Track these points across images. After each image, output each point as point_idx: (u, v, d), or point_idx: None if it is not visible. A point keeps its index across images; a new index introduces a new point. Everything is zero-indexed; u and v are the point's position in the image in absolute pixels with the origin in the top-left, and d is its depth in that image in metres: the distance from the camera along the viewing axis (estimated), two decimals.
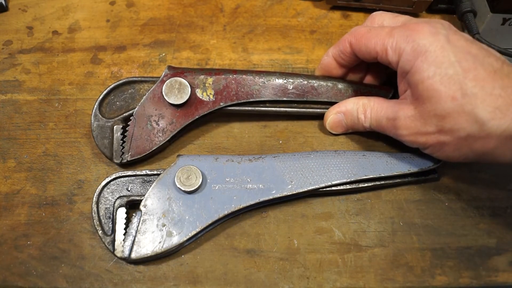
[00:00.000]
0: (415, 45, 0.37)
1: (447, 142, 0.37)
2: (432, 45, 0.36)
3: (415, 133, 0.38)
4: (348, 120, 0.44)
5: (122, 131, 0.44)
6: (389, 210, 0.43)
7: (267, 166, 0.42)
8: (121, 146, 0.43)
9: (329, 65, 0.46)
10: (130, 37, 0.55)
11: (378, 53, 0.40)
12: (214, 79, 0.46)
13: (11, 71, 0.52)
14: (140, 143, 0.43)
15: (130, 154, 0.43)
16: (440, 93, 0.35)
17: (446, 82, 0.35)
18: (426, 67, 0.36)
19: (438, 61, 0.35)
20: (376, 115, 0.42)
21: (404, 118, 0.39)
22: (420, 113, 0.37)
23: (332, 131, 0.47)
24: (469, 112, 0.34)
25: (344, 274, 0.40)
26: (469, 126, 0.34)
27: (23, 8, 0.57)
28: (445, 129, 0.36)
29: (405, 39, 0.37)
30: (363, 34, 0.41)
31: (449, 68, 0.35)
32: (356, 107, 0.43)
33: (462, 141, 0.36)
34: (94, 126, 0.44)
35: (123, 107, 0.45)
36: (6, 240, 0.41)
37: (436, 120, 0.36)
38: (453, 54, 0.35)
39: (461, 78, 0.35)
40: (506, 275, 0.40)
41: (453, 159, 0.38)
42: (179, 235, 0.39)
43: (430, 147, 0.39)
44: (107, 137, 0.44)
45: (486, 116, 0.34)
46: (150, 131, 0.44)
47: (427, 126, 0.37)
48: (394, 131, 0.40)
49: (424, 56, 0.36)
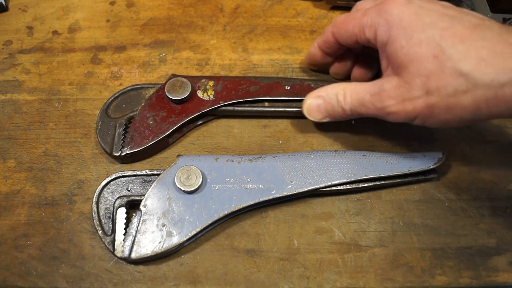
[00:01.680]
0: (388, 16, 0.37)
1: (436, 103, 0.35)
2: (404, 13, 0.36)
3: (402, 101, 0.37)
4: (327, 105, 0.42)
5: (125, 127, 0.45)
6: (389, 210, 0.43)
7: (267, 166, 0.42)
8: (122, 140, 0.44)
9: (315, 55, 0.48)
10: (130, 37, 0.55)
11: (357, 35, 0.40)
12: (215, 82, 0.47)
13: (11, 71, 0.52)
14: (140, 137, 0.44)
15: (130, 147, 0.43)
16: (420, 55, 0.35)
17: (425, 43, 0.35)
18: (402, 34, 0.36)
19: (413, 25, 0.36)
20: (357, 95, 0.40)
21: (389, 89, 0.38)
22: (404, 79, 0.36)
23: (310, 117, 0.44)
24: (453, 67, 0.33)
25: (344, 274, 0.40)
26: (455, 80, 0.34)
27: (23, 8, 0.57)
28: (431, 89, 0.35)
29: (378, 13, 0.38)
30: (342, 21, 0.42)
31: (425, 30, 0.35)
32: (335, 90, 0.42)
33: (451, 99, 0.34)
34: (99, 123, 0.45)
35: (128, 109, 0.46)
36: (6, 240, 0.41)
37: (421, 82, 0.35)
38: (428, 17, 0.35)
39: (439, 38, 0.34)
40: (506, 275, 0.40)
41: (447, 124, 0.37)
42: (179, 235, 0.39)
43: (420, 115, 0.37)
44: (109, 134, 0.44)
45: (470, 67, 0.33)
46: (151, 126, 0.45)
47: (413, 90, 0.36)
48: (380, 106, 0.38)
49: (399, 24, 0.36)
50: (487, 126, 0.48)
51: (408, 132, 0.47)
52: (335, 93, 0.42)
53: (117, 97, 0.47)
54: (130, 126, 0.45)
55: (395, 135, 0.47)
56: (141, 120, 0.45)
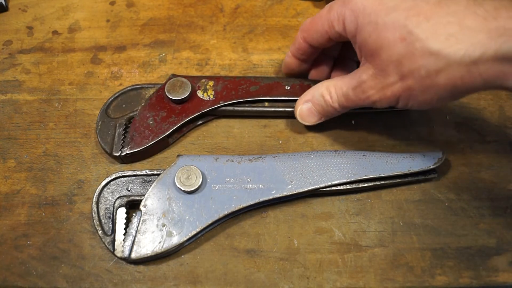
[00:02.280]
0: (352, 6, 0.37)
1: (413, 86, 0.35)
2: (367, 0, 0.36)
3: (381, 88, 0.37)
4: (317, 106, 0.43)
5: (125, 127, 0.45)
6: (389, 210, 0.43)
7: (267, 166, 0.42)
8: (122, 140, 0.44)
9: (291, 64, 0.47)
10: (130, 37, 0.55)
11: (328, 31, 0.40)
12: (215, 82, 0.47)
13: (11, 71, 0.52)
14: (140, 137, 0.44)
15: (130, 147, 0.43)
16: (388, 40, 0.35)
17: (391, 27, 0.35)
18: (367, 21, 0.36)
19: (377, 11, 0.35)
20: (341, 91, 0.41)
21: (367, 79, 0.38)
22: (378, 67, 0.37)
23: (305, 122, 0.45)
24: (422, 47, 0.33)
25: (344, 274, 0.40)
26: (426, 61, 0.33)
27: (23, 8, 0.57)
28: (405, 72, 0.35)
29: (343, 5, 0.38)
30: (310, 23, 0.42)
31: (389, 14, 0.35)
32: (320, 91, 0.43)
33: (426, 80, 0.34)
34: (99, 123, 0.45)
35: (128, 109, 0.46)
36: (6, 240, 0.41)
37: (394, 67, 0.35)
38: (390, 0, 0.35)
39: (403, 19, 0.34)
40: (506, 275, 0.40)
41: (429, 103, 0.37)
42: (179, 235, 0.39)
43: (401, 98, 0.37)
44: (109, 134, 0.44)
45: (440, 45, 0.32)
46: (151, 126, 0.45)
47: (388, 76, 0.36)
48: (364, 97, 0.39)
49: (363, 12, 0.36)
50: (487, 126, 0.48)
51: (408, 132, 0.47)
52: (321, 94, 0.42)
53: (117, 97, 0.47)
54: (130, 126, 0.45)
55: (395, 135, 0.47)
56: (141, 120, 0.45)
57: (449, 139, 0.47)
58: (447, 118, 0.48)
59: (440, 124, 0.48)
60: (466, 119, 0.48)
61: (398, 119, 0.48)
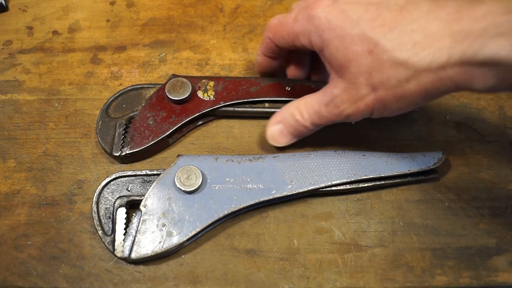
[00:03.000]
0: (316, 21, 0.37)
1: (385, 96, 0.35)
2: (332, 14, 0.36)
3: (354, 101, 0.37)
4: (289, 127, 0.42)
5: (125, 127, 0.45)
6: (389, 210, 0.43)
7: (267, 166, 0.42)
8: (122, 140, 0.44)
9: (263, 63, 0.47)
10: (130, 37, 0.55)
11: (294, 41, 0.40)
12: (215, 82, 0.47)
13: (11, 71, 0.52)
14: (140, 137, 0.44)
15: (130, 147, 0.44)
16: (356, 53, 0.35)
17: (357, 40, 0.35)
18: (333, 35, 0.36)
19: (343, 25, 0.35)
20: (313, 109, 0.40)
21: (339, 93, 0.38)
22: (349, 81, 0.36)
23: (277, 144, 0.44)
24: (389, 58, 0.33)
25: (344, 274, 0.40)
26: (395, 72, 0.33)
27: (23, 8, 0.57)
28: (376, 84, 0.35)
29: (308, 20, 0.38)
30: (276, 26, 0.41)
31: (355, 26, 0.35)
32: (290, 111, 0.42)
33: (397, 89, 0.34)
34: (99, 123, 0.45)
35: (128, 109, 0.46)
36: (6, 240, 0.41)
37: (365, 79, 0.35)
38: (354, 12, 0.35)
39: (369, 31, 0.34)
40: (506, 275, 0.40)
41: (404, 110, 0.37)
42: (179, 235, 0.39)
43: (375, 109, 0.37)
44: (109, 134, 0.44)
45: (406, 54, 0.33)
46: (151, 126, 0.45)
47: (360, 89, 0.36)
48: (337, 112, 0.39)
49: (329, 27, 0.36)
50: (487, 126, 0.48)
51: (408, 132, 0.47)
52: (291, 114, 0.42)
53: (118, 97, 0.47)
54: (130, 126, 0.45)
55: (395, 135, 0.47)
56: (141, 120, 0.45)
57: (449, 139, 0.47)
58: (447, 118, 0.48)
59: (440, 124, 0.48)
60: (466, 119, 0.48)
61: (398, 119, 0.48)
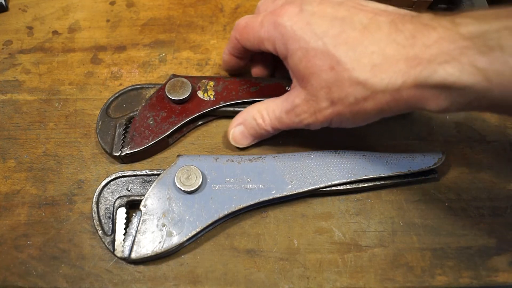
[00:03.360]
0: (282, 30, 0.37)
1: (343, 111, 0.36)
2: (297, 24, 0.36)
3: (314, 113, 0.38)
4: (250, 129, 0.43)
5: (125, 127, 0.45)
6: (389, 210, 0.43)
7: (267, 166, 0.42)
8: (122, 140, 0.44)
9: (229, 62, 0.47)
10: (130, 37, 0.55)
11: (259, 45, 0.40)
12: (215, 82, 0.47)
13: (11, 71, 0.52)
14: (140, 137, 0.44)
15: (130, 147, 0.44)
16: (318, 67, 0.35)
17: (320, 55, 0.35)
18: (297, 47, 0.36)
19: (307, 37, 0.36)
20: (274, 114, 0.41)
21: (300, 103, 0.38)
22: (310, 93, 0.37)
23: (238, 145, 0.45)
24: (349, 78, 0.34)
25: (344, 274, 0.40)
26: (354, 90, 0.34)
27: (23, 8, 0.57)
28: (335, 99, 0.36)
29: (273, 26, 0.38)
30: (243, 28, 0.42)
31: (318, 41, 0.35)
32: (252, 114, 0.43)
33: (355, 106, 0.35)
34: (99, 123, 0.45)
35: (128, 109, 0.46)
36: (6, 240, 0.41)
37: (325, 94, 0.36)
38: (319, 26, 0.35)
39: (332, 47, 0.35)
40: (506, 275, 0.40)
41: (359, 124, 0.38)
42: (179, 235, 0.39)
43: (333, 121, 0.38)
44: (109, 134, 0.44)
45: (365, 75, 0.33)
46: (151, 126, 0.45)
47: (320, 102, 0.37)
48: (297, 120, 0.40)
49: (293, 38, 0.36)
50: (487, 126, 0.48)
51: (408, 132, 0.47)
52: (253, 117, 0.43)
53: (118, 97, 0.47)
54: (130, 126, 0.45)
55: (395, 135, 0.47)
56: (141, 120, 0.45)
57: (449, 139, 0.47)
58: (447, 118, 0.48)
59: (440, 124, 0.48)
60: (466, 119, 0.48)
61: (398, 119, 0.48)
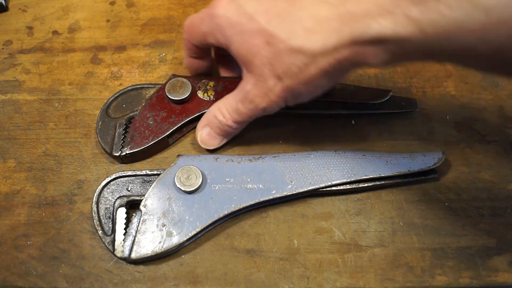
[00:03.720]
0: (218, 20, 0.37)
1: (291, 85, 0.36)
2: (229, 11, 0.37)
3: (266, 94, 0.38)
4: (215, 129, 0.43)
5: (125, 127, 0.45)
6: (389, 210, 0.43)
7: (267, 166, 0.42)
8: (122, 140, 0.44)
9: (191, 64, 0.47)
10: (130, 37, 0.55)
11: (204, 41, 0.40)
12: (215, 82, 0.47)
13: (11, 71, 0.52)
14: (140, 137, 0.44)
15: (130, 147, 0.44)
16: (257, 46, 0.35)
17: (255, 34, 0.35)
18: (234, 32, 0.37)
19: (241, 20, 0.36)
20: (231, 108, 0.41)
21: (251, 89, 0.38)
22: (256, 75, 0.37)
23: (209, 147, 0.45)
24: (286, 48, 0.34)
25: (344, 274, 0.40)
26: (294, 59, 0.34)
27: (23, 8, 0.57)
28: (280, 74, 0.36)
29: (211, 19, 0.38)
30: (188, 28, 0.42)
31: (251, 20, 0.35)
32: (212, 113, 0.43)
33: (300, 76, 0.35)
34: (99, 123, 0.45)
35: (128, 109, 0.46)
36: (6, 240, 0.41)
37: (269, 71, 0.36)
38: (249, 7, 0.36)
39: (264, 23, 0.35)
40: (506, 275, 0.40)
41: (315, 93, 0.38)
42: (179, 235, 0.39)
43: (287, 98, 0.38)
44: (109, 134, 0.44)
45: (300, 42, 0.33)
46: (151, 126, 0.45)
47: (267, 81, 0.37)
48: (253, 107, 0.39)
49: (229, 25, 0.37)
50: (487, 126, 0.48)
51: (408, 132, 0.47)
52: (214, 115, 0.43)
53: (118, 97, 0.47)
54: (130, 126, 0.45)
55: (395, 135, 0.47)
56: (141, 120, 0.45)
57: (449, 139, 0.47)
58: (447, 118, 0.48)
59: (440, 124, 0.48)
60: (466, 119, 0.48)
61: (398, 119, 0.48)
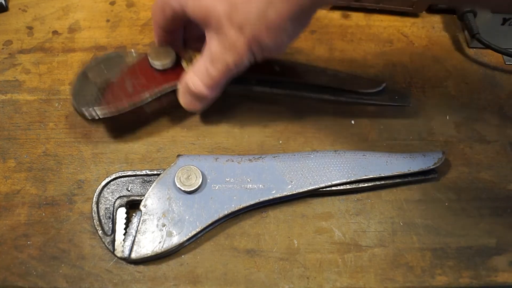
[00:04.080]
0: None
1: (254, 33, 0.35)
2: None
3: (231, 49, 0.37)
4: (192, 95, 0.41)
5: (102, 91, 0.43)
6: (389, 210, 0.43)
7: (267, 166, 0.42)
8: (96, 102, 0.42)
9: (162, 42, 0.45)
10: (130, 37, 0.55)
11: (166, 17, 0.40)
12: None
13: (11, 71, 0.52)
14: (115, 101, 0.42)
15: (101, 109, 0.42)
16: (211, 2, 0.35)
17: None
18: None
19: None
20: (201, 73, 0.39)
21: (216, 47, 0.37)
22: (218, 32, 0.37)
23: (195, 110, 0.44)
24: None
25: (344, 274, 0.40)
26: (249, 6, 0.34)
27: (23, 8, 0.57)
28: (240, 24, 0.35)
29: None
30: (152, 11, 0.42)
31: None
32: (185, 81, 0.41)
33: (261, 22, 0.34)
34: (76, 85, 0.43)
35: (109, 74, 0.44)
36: (6, 240, 0.41)
37: (229, 24, 0.35)
38: None
39: None
40: (506, 275, 0.40)
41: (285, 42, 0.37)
42: (179, 235, 0.39)
43: (254, 50, 0.37)
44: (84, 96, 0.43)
45: None
46: (128, 92, 0.43)
47: (229, 35, 0.36)
48: (222, 66, 0.38)
49: None
50: (487, 126, 0.48)
51: (408, 132, 0.48)
52: (186, 84, 0.41)
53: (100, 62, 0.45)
54: (107, 90, 0.43)
55: (395, 135, 0.47)
56: (119, 84, 0.43)
57: (449, 139, 0.47)
58: (447, 118, 0.48)
59: (440, 124, 0.48)
60: (466, 119, 0.48)
61: (398, 119, 0.48)
